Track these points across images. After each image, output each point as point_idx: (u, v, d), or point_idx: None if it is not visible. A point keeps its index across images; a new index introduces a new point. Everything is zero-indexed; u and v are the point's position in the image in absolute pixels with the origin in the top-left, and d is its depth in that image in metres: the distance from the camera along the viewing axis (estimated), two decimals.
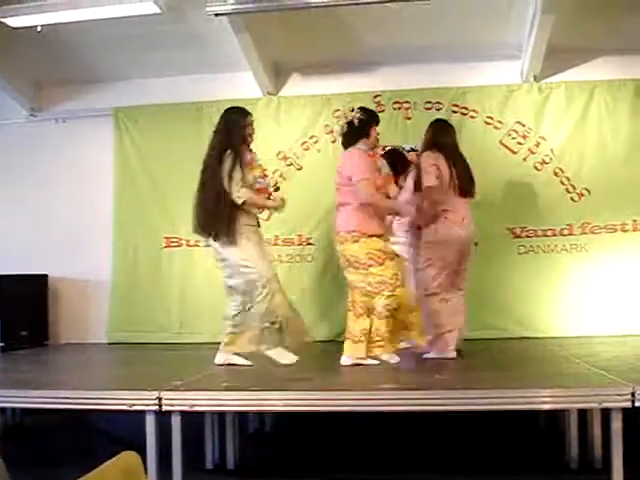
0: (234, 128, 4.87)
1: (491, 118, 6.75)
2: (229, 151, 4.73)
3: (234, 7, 5.62)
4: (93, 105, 7.23)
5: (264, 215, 6.71)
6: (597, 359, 4.61)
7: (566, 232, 6.60)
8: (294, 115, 7.04)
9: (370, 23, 6.27)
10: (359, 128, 4.93)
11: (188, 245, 6.99)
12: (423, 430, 4.67)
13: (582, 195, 6.61)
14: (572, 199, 6.62)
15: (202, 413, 4.12)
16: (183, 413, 3.60)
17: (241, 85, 6.98)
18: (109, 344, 6.92)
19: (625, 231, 6.54)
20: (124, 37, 6.32)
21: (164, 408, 3.55)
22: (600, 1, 5.78)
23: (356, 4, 5.74)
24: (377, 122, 5.08)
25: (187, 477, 3.65)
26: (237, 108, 5.05)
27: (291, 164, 6.99)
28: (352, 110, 5.00)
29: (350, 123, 4.95)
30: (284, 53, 6.84)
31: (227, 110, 5.03)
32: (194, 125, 6.97)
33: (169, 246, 7.05)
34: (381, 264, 4.74)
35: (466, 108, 6.83)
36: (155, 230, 7.06)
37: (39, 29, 5.76)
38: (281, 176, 6.92)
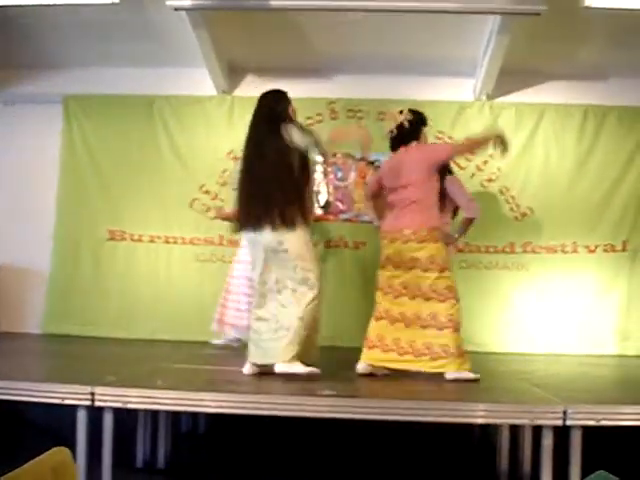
0: (285, 108, 4.58)
1: (442, 133, 6.82)
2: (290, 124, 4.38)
3: (194, 3, 5.58)
4: (43, 90, 7.06)
5: (211, 214, 6.73)
6: (532, 376, 4.68)
7: (508, 250, 6.71)
8: (247, 115, 6.91)
9: (327, 30, 6.30)
10: (410, 130, 4.78)
11: (132, 239, 6.90)
12: (356, 438, 4.69)
13: (525, 214, 6.73)
14: (516, 218, 6.74)
15: (135, 410, 4.06)
16: (116, 410, 3.55)
17: (195, 81, 6.91)
18: (45, 335, 6.77)
19: (565, 252, 6.67)
20: (80, 24, 6.22)
21: (97, 404, 3.49)
22: (555, 27, 5.90)
23: (315, 9, 5.76)
24: (426, 124, 4.92)
25: (116, 475, 3.59)
26: (279, 91, 4.68)
27: None
28: (401, 112, 4.86)
29: (400, 126, 4.80)
30: (241, 53, 6.81)
31: (269, 92, 4.71)
32: (145, 118, 6.91)
33: (113, 239, 6.93)
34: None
35: None
36: (99, 222, 6.93)
37: None
38: (230, 176, 6.86)
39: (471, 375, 4.27)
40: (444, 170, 4.92)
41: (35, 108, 7.14)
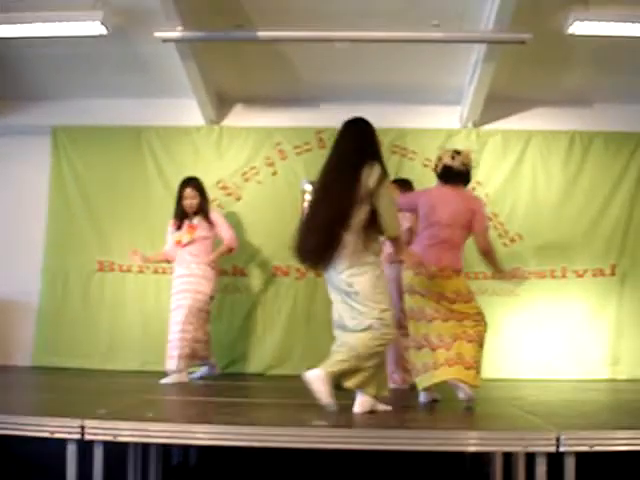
0: (375, 140, 4.31)
1: (429, 160, 6.83)
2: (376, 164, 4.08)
3: (182, 34, 5.62)
4: (32, 122, 7.08)
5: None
6: (524, 402, 4.67)
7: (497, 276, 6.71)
8: (236, 145, 7.03)
9: (314, 60, 6.37)
10: (465, 173, 4.74)
11: (121, 270, 6.88)
12: (349, 467, 4.65)
13: (514, 240, 6.76)
14: (504, 244, 6.76)
15: (125, 443, 4.02)
16: (106, 443, 3.51)
17: (183, 112, 6.96)
18: (34, 368, 6.72)
19: (554, 277, 6.70)
20: (68, 56, 6.26)
21: (87, 437, 3.45)
22: (540, 54, 5.99)
23: (301, 40, 5.82)
24: None
25: None
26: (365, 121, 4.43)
27: (230, 194, 6.95)
28: (458, 153, 4.77)
29: (450, 166, 4.72)
30: (229, 83, 6.85)
31: (356, 120, 4.48)
32: (133, 149, 6.95)
33: (101, 269, 6.91)
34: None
35: (405, 149, 6.95)
36: (88, 253, 6.91)
37: None
38: (219, 205, 6.89)
39: None
40: None
41: (23, 139, 7.16)
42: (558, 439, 3.31)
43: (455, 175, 4.72)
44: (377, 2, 5.46)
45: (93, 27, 5.57)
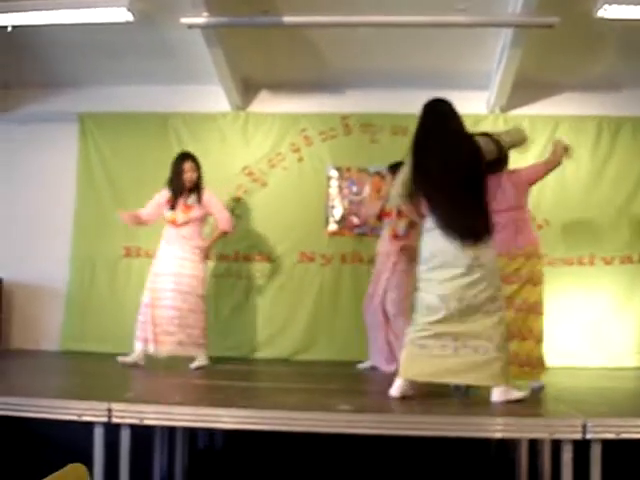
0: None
1: None
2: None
3: (208, 20, 5.61)
4: (59, 109, 7.12)
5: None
6: (550, 389, 4.64)
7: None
8: (262, 131, 7.04)
9: (340, 46, 6.32)
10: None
11: (147, 255, 6.91)
12: (377, 454, 4.67)
13: (541, 227, 6.69)
14: None
15: (152, 427, 4.06)
16: (133, 426, 3.55)
17: (209, 98, 6.97)
18: (62, 352, 6.80)
19: (582, 264, 6.64)
20: (94, 43, 6.27)
21: (113, 420, 3.50)
22: (565, 39, 5.90)
23: (327, 25, 5.79)
24: None
25: None
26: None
27: (256, 180, 6.96)
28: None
29: None
30: (254, 69, 6.85)
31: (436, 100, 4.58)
32: (160, 135, 6.96)
33: (128, 255, 6.96)
34: None
35: None
36: (115, 239, 6.96)
37: (9, 29, 5.69)
38: (245, 192, 6.91)
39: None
40: None
41: (51, 127, 7.22)
42: (584, 426, 3.30)
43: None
44: None
45: (119, 13, 5.58)
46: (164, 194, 5.77)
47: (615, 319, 6.58)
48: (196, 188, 5.75)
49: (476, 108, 6.94)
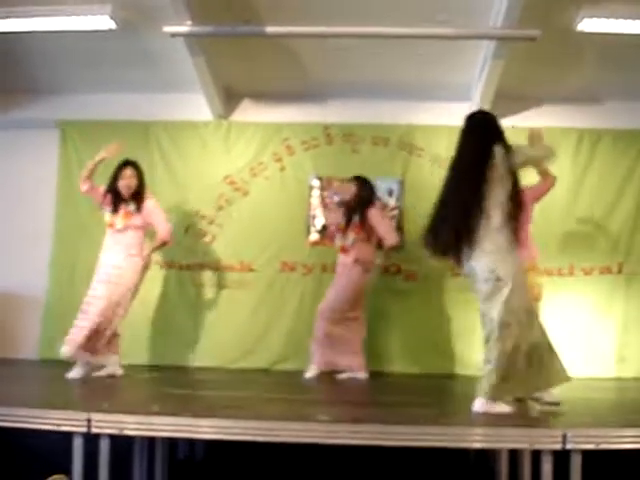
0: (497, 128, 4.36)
1: (437, 157, 6.86)
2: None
3: (191, 29, 5.61)
4: (41, 116, 7.09)
5: (207, 238, 6.75)
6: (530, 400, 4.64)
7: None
8: (244, 140, 7.03)
9: (323, 56, 6.34)
10: None
11: None
12: (356, 464, 4.66)
13: None
14: None
15: (131, 437, 4.03)
16: (112, 436, 3.52)
17: (191, 107, 6.95)
18: (41, 361, 6.74)
19: (562, 275, 6.67)
20: (76, 50, 6.24)
21: (93, 430, 3.47)
22: (546, 52, 5.94)
23: (309, 35, 5.79)
24: None
25: None
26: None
27: (238, 189, 6.95)
28: None
29: None
30: (237, 78, 6.84)
31: (477, 113, 4.61)
32: (141, 143, 6.91)
33: None
34: None
35: (413, 146, 6.93)
36: (94, 247, 6.84)
37: None
38: (227, 201, 6.90)
39: None
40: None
41: (31, 134, 7.17)
42: (564, 436, 3.32)
43: None
44: None
45: (101, 21, 5.57)
46: (103, 190, 5.72)
47: (595, 329, 6.62)
48: (137, 196, 5.64)
49: (458, 119, 6.91)
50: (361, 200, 5.98)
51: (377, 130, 6.92)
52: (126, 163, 5.71)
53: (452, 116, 6.92)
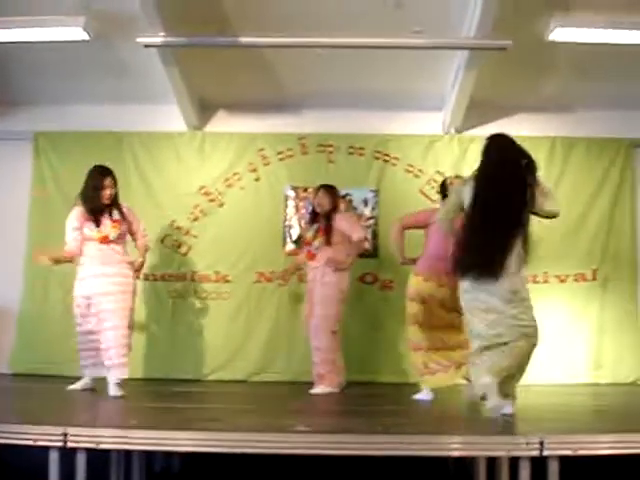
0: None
1: (412, 166, 6.89)
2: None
3: (164, 40, 5.60)
4: (13, 128, 7.04)
5: (183, 249, 6.72)
6: None
7: None
8: (219, 151, 7.02)
9: (296, 66, 6.36)
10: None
11: None
12: (335, 474, 4.64)
13: None
14: None
15: (108, 450, 3.99)
16: (88, 450, 3.48)
17: (165, 118, 6.93)
18: (13, 375, 6.65)
19: (536, 282, 6.69)
20: (50, 61, 6.22)
21: (69, 445, 3.42)
22: (521, 61, 6.02)
23: (283, 46, 5.81)
24: None
25: None
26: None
27: (213, 200, 6.93)
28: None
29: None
30: (211, 89, 6.83)
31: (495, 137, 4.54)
32: (115, 154, 6.84)
33: None
34: None
35: (388, 155, 6.96)
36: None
37: None
38: (202, 212, 6.88)
39: None
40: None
41: (4, 145, 7.09)
42: (542, 443, 3.32)
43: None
44: (359, 8, 5.46)
45: (75, 32, 5.55)
46: (77, 213, 5.36)
47: (570, 336, 6.67)
48: (116, 203, 5.43)
49: (432, 129, 7.03)
50: (327, 207, 5.93)
51: (352, 140, 6.94)
52: (104, 171, 5.44)
53: (426, 125, 7.02)
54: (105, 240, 5.30)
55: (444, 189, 5.48)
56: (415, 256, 5.51)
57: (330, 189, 5.98)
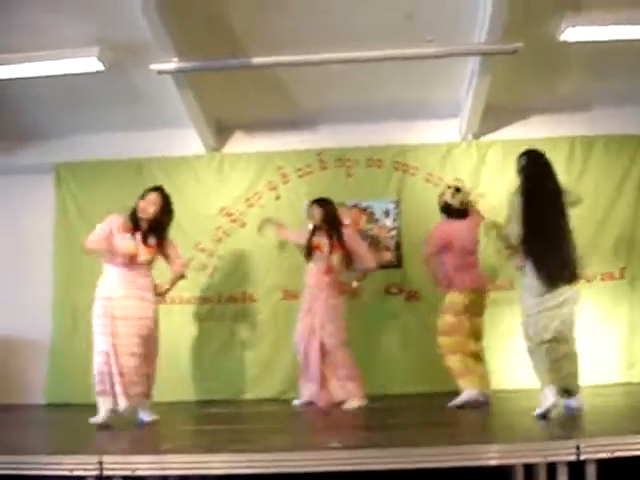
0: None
1: (431, 175, 6.88)
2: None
3: (178, 65, 5.65)
4: (34, 161, 7.13)
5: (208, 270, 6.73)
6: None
7: (507, 286, 6.69)
8: (238, 171, 7.05)
9: (310, 83, 6.39)
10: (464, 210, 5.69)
11: None
12: None
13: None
14: (511, 253, 6.71)
15: (144, 477, 4.00)
16: (125, 477, 3.50)
17: (183, 142, 6.99)
18: (47, 405, 6.70)
19: None
20: (67, 93, 6.30)
21: (105, 473, 3.44)
22: (534, 62, 6.00)
23: (295, 64, 5.84)
24: None
25: None
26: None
27: (235, 220, 6.96)
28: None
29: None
30: (227, 110, 6.88)
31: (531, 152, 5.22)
32: (135, 181, 6.85)
33: None
34: None
35: (407, 165, 6.95)
36: (95, 286, 6.87)
37: None
38: (224, 233, 6.90)
39: None
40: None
41: (26, 178, 7.19)
42: (578, 447, 3.29)
43: (454, 211, 5.62)
44: (370, 21, 5.48)
45: (90, 63, 5.63)
46: (114, 221, 5.19)
47: (601, 336, 6.59)
48: (157, 229, 5.17)
49: (449, 136, 7.01)
50: (330, 220, 5.93)
51: (370, 152, 6.95)
52: (152, 188, 5.27)
53: (443, 133, 7.00)
54: (133, 259, 5.04)
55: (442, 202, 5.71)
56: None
57: (322, 202, 5.97)
